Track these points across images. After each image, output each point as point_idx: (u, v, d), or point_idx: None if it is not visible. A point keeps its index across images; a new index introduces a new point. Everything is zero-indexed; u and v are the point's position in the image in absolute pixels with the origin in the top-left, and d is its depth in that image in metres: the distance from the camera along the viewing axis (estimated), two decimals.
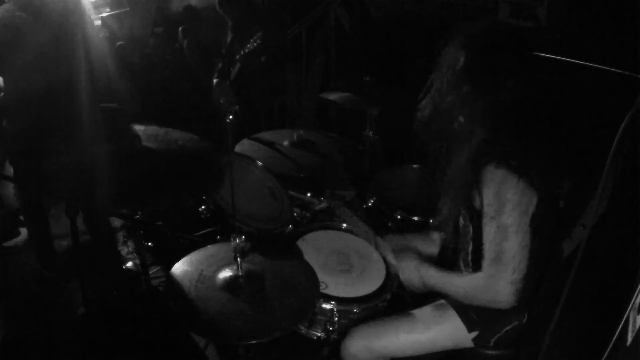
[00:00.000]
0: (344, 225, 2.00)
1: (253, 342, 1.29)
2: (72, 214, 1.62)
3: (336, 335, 1.64)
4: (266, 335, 1.30)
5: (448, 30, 1.49)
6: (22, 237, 3.23)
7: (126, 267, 2.77)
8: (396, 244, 1.80)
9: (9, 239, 3.23)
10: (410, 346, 1.55)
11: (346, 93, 2.95)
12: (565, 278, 1.12)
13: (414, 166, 2.53)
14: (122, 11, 5.67)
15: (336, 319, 1.62)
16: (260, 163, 2.05)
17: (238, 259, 1.45)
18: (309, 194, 2.39)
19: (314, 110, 4.42)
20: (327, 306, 1.62)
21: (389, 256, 1.78)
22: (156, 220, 2.75)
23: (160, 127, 2.08)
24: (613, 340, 0.95)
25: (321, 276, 1.62)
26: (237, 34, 3.67)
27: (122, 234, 3.00)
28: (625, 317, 0.94)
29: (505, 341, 1.52)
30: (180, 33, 4.95)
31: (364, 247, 1.89)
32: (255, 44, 3.35)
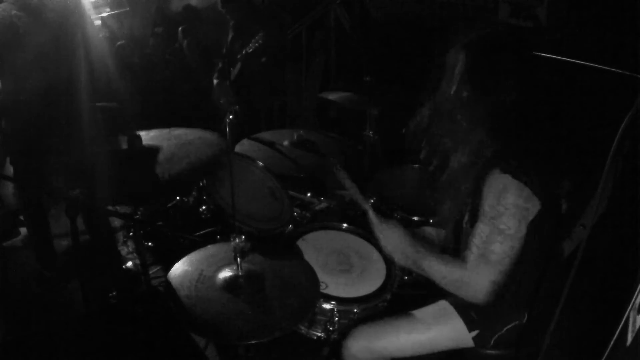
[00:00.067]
0: (344, 225, 2.00)
1: (253, 342, 1.29)
2: (72, 214, 1.61)
3: (336, 335, 1.64)
4: (266, 335, 1.30)
5: (449, 33, 1.49)
6: (22, 237, 3.23)
7: (126, 267, 2.77)
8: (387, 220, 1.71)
9: (9, 239, 3.23)
10: (411, 346, 1.55)
11: (346, 93, 2.96)
12: (565, 278, 1.12)
13: (414, 166, 2.53)
14: (122, 11, 5.68)
15: (336, 319, 1.62)
16: (260, 163, 2.05)
17: (238, 259, 1.46)
18: (309, 194, 2.39)
19: (314, 110, 4.42)
20: (327, 306, 1.62)
21: (374, 219, 1.66)
22: (156, 220, 2.75)
23: (161, 129, 2.09)
24: (613, 340, 0.95)
25: (321, 276, 1.62)
26: (238, 34, 3.67)
27: (122, 234, 3.00)
28: (625, 317, 0.94)
29: (505, 341, 1.52)
30: (180, 33, 4.95)
31: (364, 247, 1.89)
32: (257, 44, 3.35)
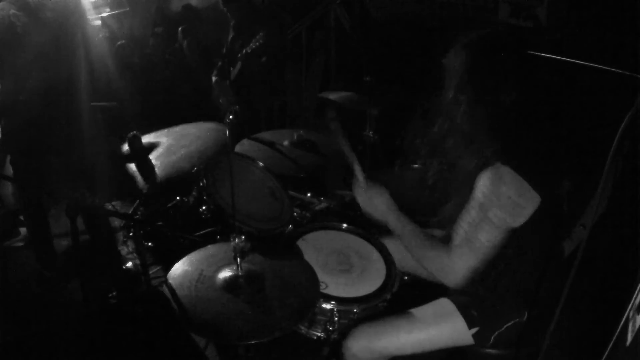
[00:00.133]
0: (344, 225, 2.00)
1: (253, 342, 1.29)
2: (72, 214, 1.61)
3: (336, 335, 1.64)
4: (266, 335, 1.30)
5: (449, 33, 1.49)
6: (22, 237, 3.23)
7: (126, 267, 2.77)
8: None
9: (9, 239, 3.23)
10: (411, 345, 1.55)
11: (347, 92, 2.95)
12: (565, 278, 1.12)
13: (414, 166, 2.52)
14: (122, 11, 5.67)
15: (336, 319, 1.62)
16: (260, 163, 2.05)
17: (238, 259, 1.45)
18: (309, 194, 2.39)
19: (314, 110, 4.42)
20: (327, 306, 1.62)
21: (360, 178, 1.68)
22: (156, 220, 2.75)
23: (160, 130, 2.10)
24: (613, 340, 0.95)
25: (321, 276, 1.62)
26: (238, 33, 3.67)
27: (122, 234, 2.99)
28: (625, 317, 0.94)
29: (505, 339, 1.52)
30: (180, 33, 4.95)
31: (364, 247, 1.89)
32: (257, 43, 3.35)
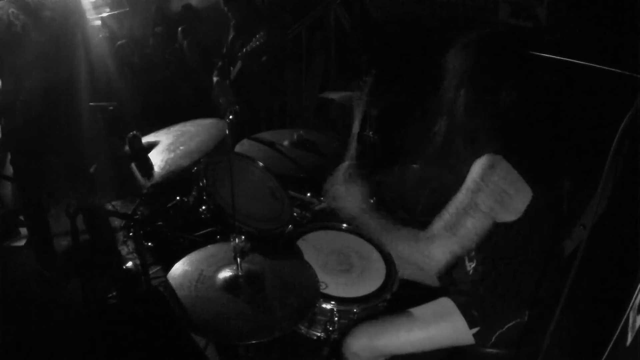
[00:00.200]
0: (344, 225, 2.00)
1: (253, 342, 1.29)
2: (72, 214, 1.61)
3: (336, 335, 1.64)
4: (266, 335, 1.30)
5: (449, 33, 1.49)
6: (22, 237, 3.23)
7: (126, 267, 2.77)
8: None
9: (9, 239, 3.23)
10: (412, 344, 1.55)
11: (348, 92, 2.95)
12: (565, 278, 1.12)
13: (414, 166, 2.53)
14: (122, 11, 5.67)
15: (336, 319, 1.62)
16: (260, 163, 2.05)
17: (238, 259, 1.45)
18: (309, 194, 2.39)
19: (314, 110, 4.42)
20: (327, 306, 1.62)
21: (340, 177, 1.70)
22: (156, 220, 2.75)
23: (159, 130, 2.09)
24: (613, 340, 0.95)
25: (321, 276, 1.62)
26: (239, 33, 3.67)
27: (122, 234, 2.99)
28: (625, 317, 0.94)
29: (506, 339, 1.52)
30: (180, 33, 4.95)
31: (364, 247, 1.89)
32: (257, 43, 3.35)
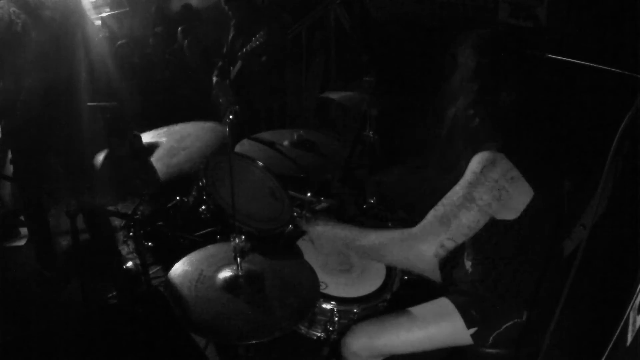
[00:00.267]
0: None
1: (253, 342, 1.29)
2: (72, 214, 1.62)
3: (336, 335, 1.64)
4: (266, 335, 1.30)
5: (450, 34, 1.50)
6: (22, 237, 3.23)
7: (126, 267, 2.77)
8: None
9: (9, 239, 3.23)
10: (411, 343, 1.55)
11: (348, 92, 2.95)
12: (565, 278, 1.12)
13: (414, 166, 2.53)
14: (122, 11, 5.68)
15: (336, 319, 1.62)
16: (260, 163, 2.04)
17: (238, 259, 1.45)
18: (309, 194, 2.39)
19: (314, 110, 4.42)
20: (327, 306, 1.62)
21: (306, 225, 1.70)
22: (156, 220, 2.75)
23: (160, 128, 2.09)
24: (613, 340, 0.95)
25: (321, 276, 1.62)
26: (239, 33, 3.67)
27: (122, 233, 3.00)
28: (625, 317, 0.94)
29: (504, 339, 1.52)
30: (180, 33, 4.95)
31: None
32: (257, 42, 3.35)
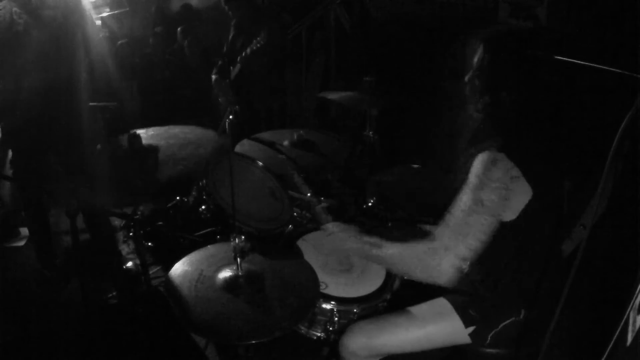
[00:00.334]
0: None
1: (253, 342, 1.29)
2: (72, 214, 1.62)
3: (336, 335, 1.64)
4: (266, 335, 1.30)
5: (452, 34, 1.50)
6: (22, 237, 3.23)
7: (126, 267, 2.77)
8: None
9: (9, 239, 3.23)
10: (409, 343, 1.55)
11: (348, 92, 2.95)
12: (565, 278, 1.12)
13: (414, 166, 2.53)
14: (122, 11, 5.68)
15: (336, 319, 1.62)
16: (260, 163, 2.04)
17: (238, 259, 1.45)
18: (309, 194, 2.39)
19: (314, 110, 4.42)
20: (327, 306, 1.62)
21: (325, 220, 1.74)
22: (156, 220, 2.75)
23: (160, 127, 2.09)
24: (613, 340, 0.95)
25: (321, 276, 1.62)
26: (239, 32, 3.67)
27: (122, 233, 3.00)
28: (625, 317, 0.94)
29: (503, 338, 1.52)
30: (180, 33, 4.95)
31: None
32: (258, 45, 3.35)
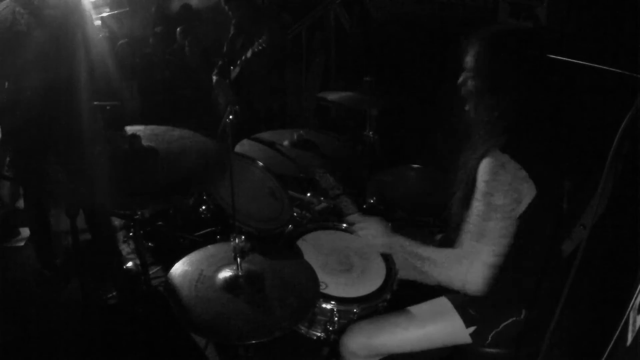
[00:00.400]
0: (344, 225, 2.00)
1: (253, 342, 1.29)
2: (72, 214, 1.62)
3: (336, 335, 1.64)
4: (266, 335, 1.30)
5: (452, 34, 1.51)
6: (22, 237, 3.23)
7: (126, 267, 2.77)
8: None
9: (9, 239, 3.23)
10: (409, 342, 1.55)
11: (348, 92, 2.95)
12: (565, 278, 1.12)
13: (414, 166, 2.53)
14: (122, 11, 5.68)
15: (336, 319, 1.62)
16: (260, 163, 2.05)
17: (238, 259, 1.45)
18: (309, 194, 2.39)
19: (314, 110, 4.42)
20: (327, 306, 1.62)
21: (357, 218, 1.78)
22: (156, 220, 2.75)
23: (159, 126, 2.08)
24: (613, 340, 0.95)
25: (321, 276, 1.62)
26: (239, 32, 3.67)
27: (122, 233, 3.00)
28: (625, 317, 0.94)
29: (504, 338, 1.52)
30: (180, 33, 4.95)
31: (363, 247, 1.89)
32: (260, 47, 3.35)
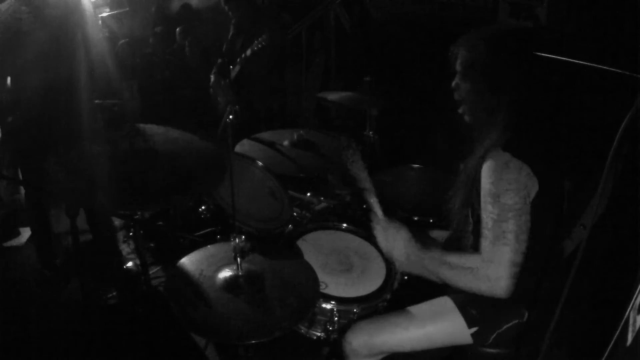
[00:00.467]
0: (344, 225, 2.00)
1: (253, 342, 1.29)
2: (72, 214, 1.62)
3: (336, 335, 1.64)
4: (266, 335, 1.30)
5: (452, 34, 1.51)
6: (22, 237, 3.23)
7: (126, 267, 2.77)
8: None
9: (9, 239, 3.23)
10: (409, 342, 1.55)
11: (348, 92, 2.95)
12: (565, 278, 1.12)
13: (414, 166, 2.53)
14: (122, 11, 5.69)
15: (336, 319, 1.62)
16: (260, 163, 2.05)
17: (238, 259, 1.46)
18: (309, 194, 2.39)
19: (314, 110, 4.42)
20: (327, 306, 1.62)
21: (379, 214, 1.66)
22: (156, 220, 2.75)
23: (158, 127, 2.08)
24: (613, 340, 0.95)
25: (321, 276, 1.62)
26: (239, 32, 3.67)
27: (122, 233, 3.00)
28: (625, 317, 0.94)
29: (505, 339, 1.52)
30: (180, 33, 4.95)
31: (364, 247, 1.90)
32: (259, 46, 3.35)
